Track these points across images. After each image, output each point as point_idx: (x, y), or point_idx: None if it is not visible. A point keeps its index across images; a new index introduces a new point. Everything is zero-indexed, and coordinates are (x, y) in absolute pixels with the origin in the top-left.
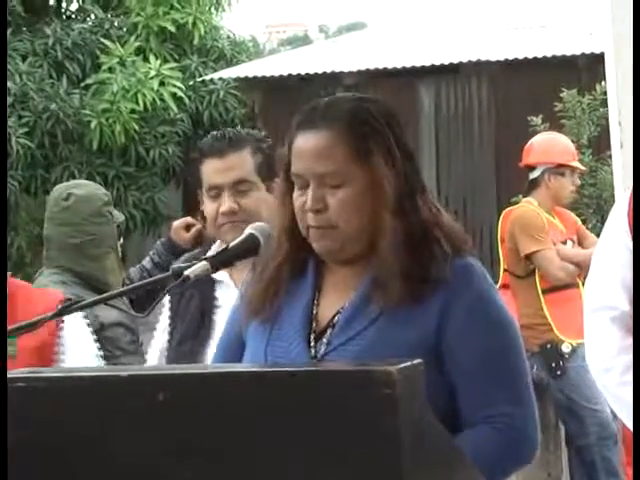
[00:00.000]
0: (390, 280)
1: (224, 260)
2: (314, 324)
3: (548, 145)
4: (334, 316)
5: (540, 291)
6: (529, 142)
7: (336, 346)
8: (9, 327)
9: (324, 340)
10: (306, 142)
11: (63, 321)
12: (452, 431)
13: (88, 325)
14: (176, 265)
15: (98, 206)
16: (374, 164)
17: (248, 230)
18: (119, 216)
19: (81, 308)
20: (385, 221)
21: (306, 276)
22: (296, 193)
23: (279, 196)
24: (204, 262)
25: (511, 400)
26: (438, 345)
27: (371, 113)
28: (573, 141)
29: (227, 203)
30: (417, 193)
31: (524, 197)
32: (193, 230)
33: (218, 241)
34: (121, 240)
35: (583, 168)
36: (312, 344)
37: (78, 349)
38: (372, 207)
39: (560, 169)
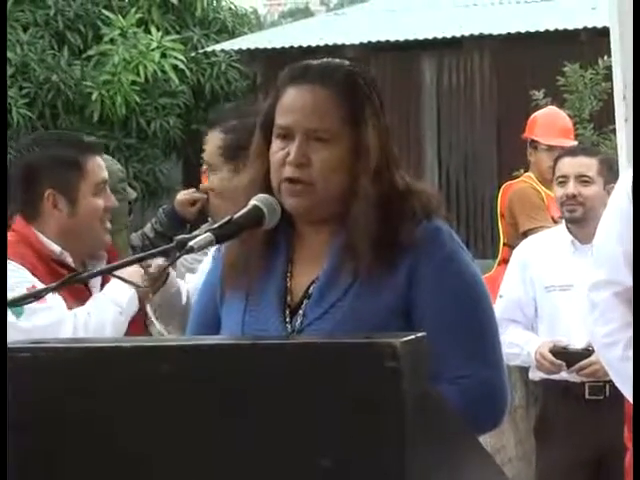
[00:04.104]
0: (361, 247)
1: (228, 232)
2: (289, 297)
3: (535, 119)
4: (308, 287)
5: None
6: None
7: (312, 320)
8: (13, 297)
9: (300, 312)
10: (301, 96)
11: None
12: None
13: None
14: (180, 236)
15: (114, 182)
16: (364, 129)
17: (252, 202)
18: (132, 193)
19: (87, 278)
20: (362, 186)
21: (278, 248)
22: (277, 146)
23: (255, 154)
24: (208, 233)
25: (481, 360)
26: (409, 308)
27: (365, 80)
28: (575, 115)
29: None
30: (393, 165)
31: (525, 172)
32: (198, 204)
33: None
34: (131, 217)
35: (550, 144)
36: (288, 319)
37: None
38: (353, 171)
39: (534, 143)
